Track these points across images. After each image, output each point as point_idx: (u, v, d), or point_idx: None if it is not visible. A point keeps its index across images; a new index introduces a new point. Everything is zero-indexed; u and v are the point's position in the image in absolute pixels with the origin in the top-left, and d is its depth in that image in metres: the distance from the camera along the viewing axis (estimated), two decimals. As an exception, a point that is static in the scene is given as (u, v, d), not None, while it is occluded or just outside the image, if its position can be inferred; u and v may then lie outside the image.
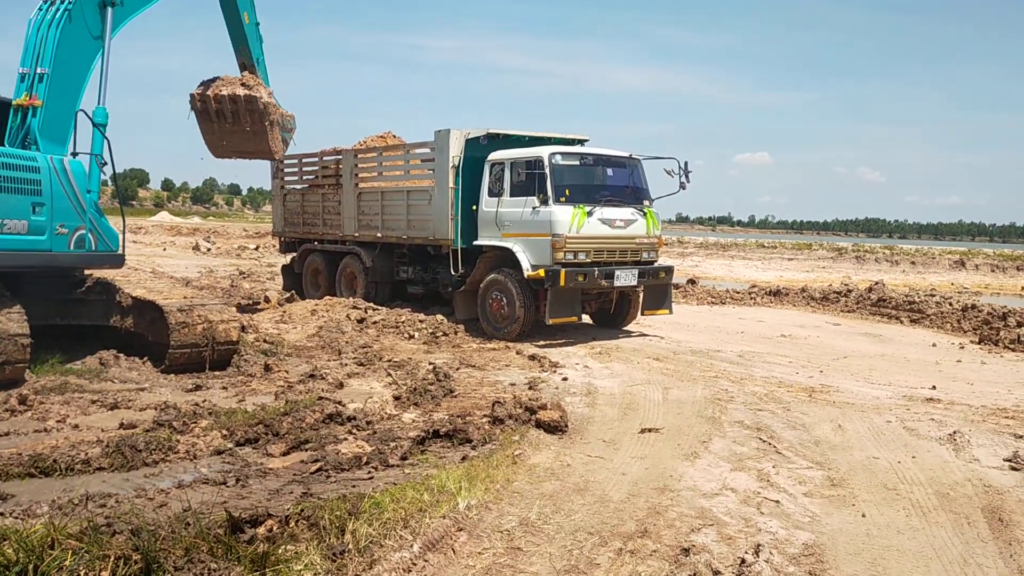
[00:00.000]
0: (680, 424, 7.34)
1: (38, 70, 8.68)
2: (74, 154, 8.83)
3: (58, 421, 6.80)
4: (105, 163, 9.02)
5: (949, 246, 76.02)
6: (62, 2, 8.90)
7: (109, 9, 9.15)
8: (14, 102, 8.67)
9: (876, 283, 20.30)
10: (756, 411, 7.90)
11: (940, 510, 5.38)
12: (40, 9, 8.93)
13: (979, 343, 13.22)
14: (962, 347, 12.85)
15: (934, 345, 13.03)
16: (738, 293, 20.12)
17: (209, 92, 11.66)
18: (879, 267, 38.00)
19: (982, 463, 6.40)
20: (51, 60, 8.69)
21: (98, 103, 9.12)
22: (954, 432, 7.12)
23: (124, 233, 9.33)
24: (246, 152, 12.50)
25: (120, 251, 9.32)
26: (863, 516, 5.23)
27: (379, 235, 14.17)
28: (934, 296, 18.82)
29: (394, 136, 15.71)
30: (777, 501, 5.41)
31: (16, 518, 4.48)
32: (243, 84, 11.75)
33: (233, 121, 11.72)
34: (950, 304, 16.90)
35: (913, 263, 40.18)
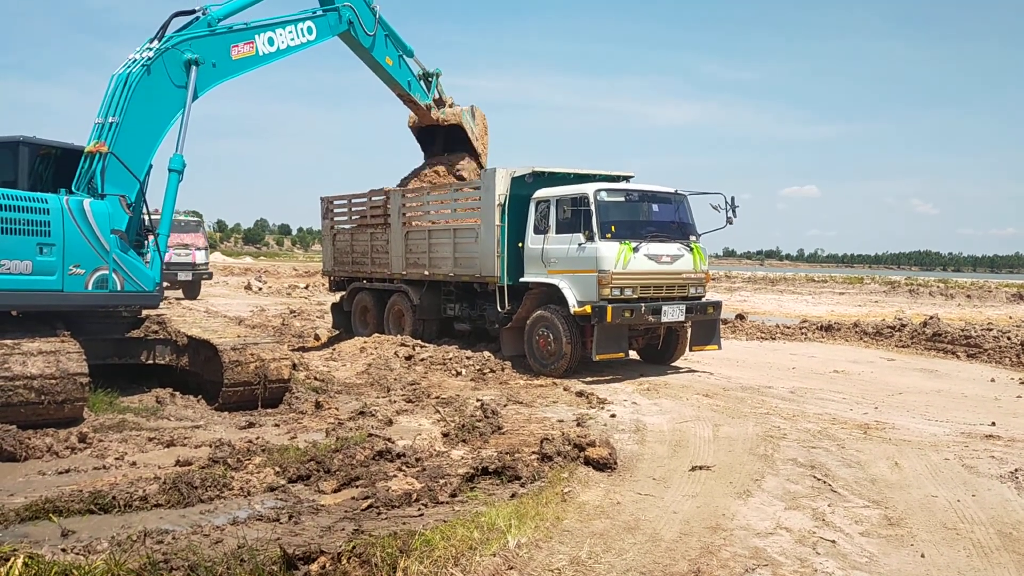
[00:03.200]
0: (732, 462, 7.25)
1: (110, 119, 9.13)
2: (101, 195, 8.89)
3: (117, 458, 6.96)
4: (131, 204, 9.12)
5: (1006, 279, 73.88)
6: (143, 57, 9.38)
7: (194, 68, 9.61)
8: (86, 149, 9.08)
9: (931, 317, 19.82)
10: (810, 448, 7.76)
11: (1003, 550, 5.22)
12: (125, 64, 9.46)
13: (1040, 378, 12.84)
14: (1023, 382, 12.50)
15: (993, 380, 12.70)
16: (788, 328, 19.84)
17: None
18: (933, 301, 37.11)
19: (1047, 502, 6.20)
20: (123, 110, 9.12)
21: (176, 150, 9.52)
22: (1016, 470, 6.91)
23: (161, 273, 9.41)
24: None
25: (154, 291, 9.33)
26: (922, 556, 5.10)
27: (426, 273, 14.32)
28: (992, 330, 18.29)
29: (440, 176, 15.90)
30: (833, 541, 5.31)
31: (77, 553, 4.60)
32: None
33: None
34: (1008, 338, 16.42)
35: (969, 296, 39.15)
